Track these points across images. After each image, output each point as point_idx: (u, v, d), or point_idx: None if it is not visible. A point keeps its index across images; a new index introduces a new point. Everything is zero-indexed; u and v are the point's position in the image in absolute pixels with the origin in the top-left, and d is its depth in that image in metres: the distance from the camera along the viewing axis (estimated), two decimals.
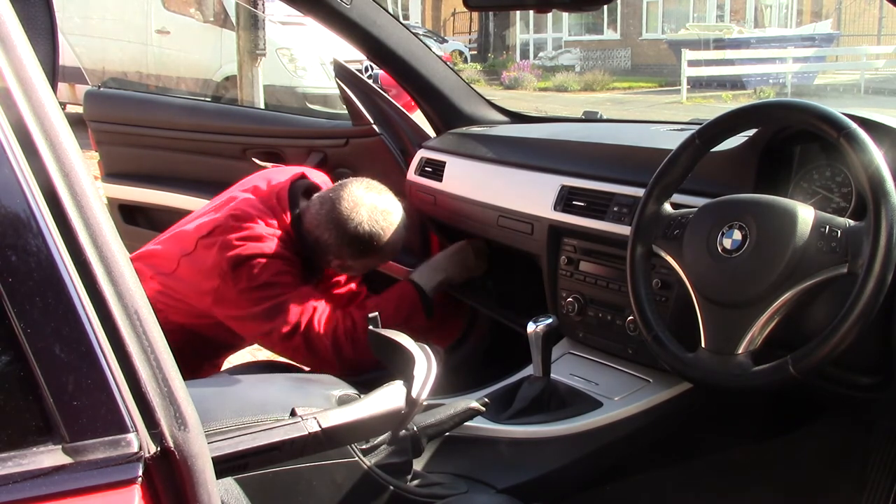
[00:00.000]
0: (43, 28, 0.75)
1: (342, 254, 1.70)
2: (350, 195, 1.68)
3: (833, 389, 1.28)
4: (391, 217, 1.71)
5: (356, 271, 1.83)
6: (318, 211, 1.68)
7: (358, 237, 1.66)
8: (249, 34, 5.32)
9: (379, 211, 1.69)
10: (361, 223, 1.66)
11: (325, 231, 1.67)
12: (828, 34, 17.09)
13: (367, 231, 1.67)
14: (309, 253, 1.71)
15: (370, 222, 1.67)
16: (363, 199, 1.68)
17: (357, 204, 1.67)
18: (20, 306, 0.51)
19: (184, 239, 1.67)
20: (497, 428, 1.45)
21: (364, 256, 1.71)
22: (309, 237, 1.69)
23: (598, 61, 19.49)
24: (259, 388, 1.13)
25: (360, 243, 1.67)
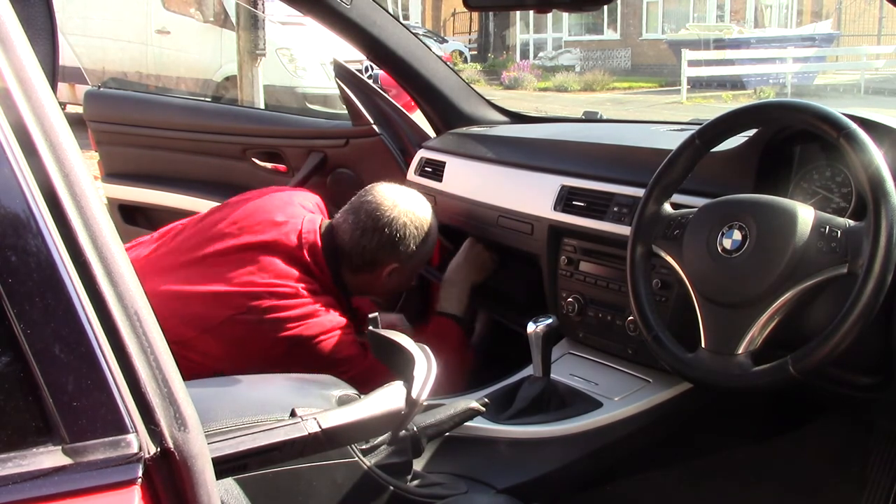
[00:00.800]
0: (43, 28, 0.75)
1: (394, 256, 1.63)
2: (381, 196, 1.64)
3: (833, 389, 1.28)
4: (425, 204, 1.70)
5: (406, 276, 1.73)
6: (356, 221, 1.62)
7: (408, 227, 1.62)
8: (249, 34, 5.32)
9: (413, 200, 1.67)
10: (407, 213, 1.63)
11: (372, 237, 1.61)
12: (828, 34, 17.10)
13: (416, 219, 1.64)
14: (350, 288, 1.65)
15: (413, 212, 1.64)
16: (395, 195, 1.66)
17: (393, 200, 1.64)
18: (20, 307, 0.51)
19: (194, 306, 1.49)
20: (497, 428, 1.45)
21: (420, 249, 1.66)
22: (352, 254, 1.62)
23: (598, 61, 19.49)
24: (259, 388, 1.13)
25: (413, 234, 1.63)
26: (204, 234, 1.62)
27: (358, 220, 1.62)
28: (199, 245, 1.59)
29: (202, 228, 1.64)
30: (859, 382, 1.24)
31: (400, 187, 1.69)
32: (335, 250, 1.62)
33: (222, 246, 1.57)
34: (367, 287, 1.69)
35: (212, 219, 1.66)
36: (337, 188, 2.21)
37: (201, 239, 1.61)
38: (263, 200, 1.69)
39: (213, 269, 1.54)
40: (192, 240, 1.62)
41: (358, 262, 1.63)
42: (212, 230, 1.62)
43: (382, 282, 1.67)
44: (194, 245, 1.60)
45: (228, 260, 1.54)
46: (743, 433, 1.66)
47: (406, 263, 1.67)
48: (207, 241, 1.59)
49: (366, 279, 1.66)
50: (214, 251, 1.57)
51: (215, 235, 1.60)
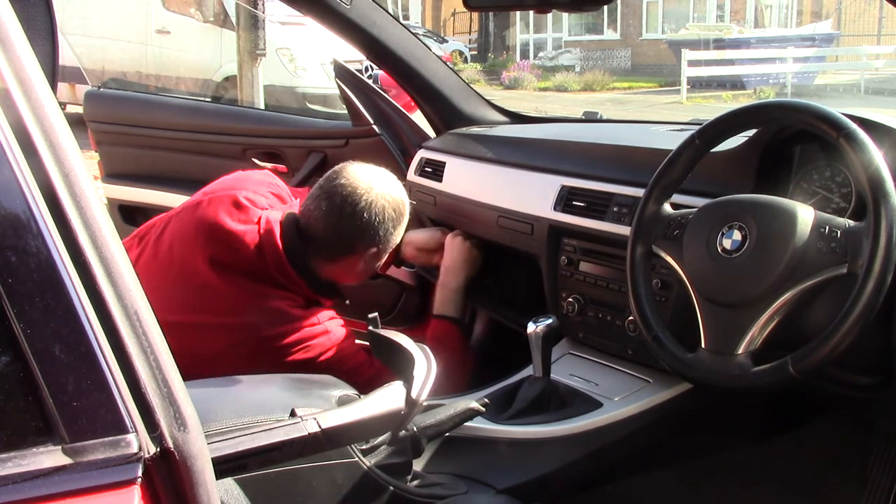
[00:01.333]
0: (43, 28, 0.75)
1: (374, 240, 1.57)
2: (354, 178, 1.55)
3: (833, 389, 1.28)
4: (398, 184, 1.63)
5: (383, 259, 1.65)
6: (330, 207, 1.53)
7: (386, 210, 1.56)
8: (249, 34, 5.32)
9: (388, 181, 1.60)
10: (384, 196, 1.56)
11: (351, 223, 1.53)
12: (828, 34, 17.10)
13: (393, 200, 1.58)
14: (324, 279, 1.58)
15: (389, 193, 1.58)
16: (369, 177, 1.57)
17: (368, 182, 1.55)
18: (20, 307, 0.51)
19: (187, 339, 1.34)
20: (497, 428, 1.45)
21: (397, 230, 1.61)
22: (328, 242, 1.55)
23: (598, 61, 19.49)
24: (259, 388, 1.13)
25: (391, 216, 1.57)
26: (171, 252, 1.54)
27: (332, 206, 1.53)
28: (171, 264, 1.53)
29: (167, 243, 1.56)
30: (859, 382, 1.24)
31: (370, 167, 1.61)
32: (305, 245, 1.54)
33: (191, 269, 1.50)
34: (343, 274, 1.62)
35: (174, 232, 1.57)
36: None
37: (171, 257, 1.54)
38: (216, 205, 1.56)
39: (194, 297, 1.48)
40: (162, 257, 1.55)
41: (335, 250, 1.56)
42: (176, 249, 1.54)
43: (360, 267, 1.62)
44: (167, 264, 1.53)
45: (207, 284, 1.48)
46: (743, 433, 1.66)
47: (384, 246, 1.61)
48: (177, 262, 1.52)
49: (343, 266, 1.60)
50: (189, 272, 1.50)
51: (182, 258, 1.52)
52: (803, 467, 1.63)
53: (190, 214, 1.58)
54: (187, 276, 1.50)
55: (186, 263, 1.51)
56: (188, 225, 1.56)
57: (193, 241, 1.52)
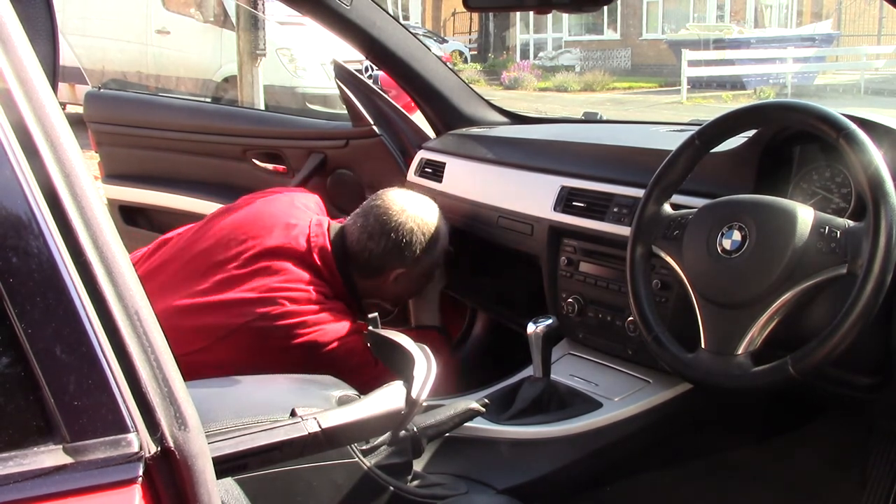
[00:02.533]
0: (43, 28, 0.75)
1: (400, 261, 1.64)
2: (390, 201, 1.66)
3: (833, 390, 1.28)
4: (434, 211, 1.71)
5: (413, 283, 1.72)
6: (364, 225, 1.63)
7: (414, 233, 1.63)
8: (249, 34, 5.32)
9: (422, 206, 1.69)
10: (415, 219, 1.64)
11: (379, 241, 1.62)
12: (828, 34, 17.10)
13: (423, 224, 1.65)
14: (359, 291, 1.66)
15: (421, 217, 1.65)
16: (404, 201, 1.67)
17: (402, 205, 1.65)
18: (21, 307, 0.51)
19: (207, 316, 1.48)
20: (497, 428, 1.45)
21: (426, 255, 1.67)
22: (359, 257, 1.63)
23: (598, 61, 19.49)
24: (259, 388, 1.13)
25: (420, 240, 1.64)
26: (209, 242, 1.60)
27: (366, 224, 1.63)
28: (207, 255, 1.58)
29: (207, 237, 1.62)
30: (859, 383, 1.24)
31: (411, 193, 1.71)
32: (345, 253, 1.62)
33: (231, 253, 1.56)
34: (374, 292, 1.69)
35: (216, 226, 1.64)
36: (337, 189, 2.21)
37: (208, 247, 1.59)
38: (267, 204, 1.69)
39: (223, 279, 1.52)
40: (197, 250, 1.61)
41: (365, 266, 1.64)
42: (217, 238, 1.60)
43: (389, 287, 1.67)
44: (201, 255, 1.59)
45: (239, 268, 1.53)
46: (743, 433, 1.66)
47: (412, 269, 1.67)
48: (214, 250, 1.58)
49: (373, 283, 1.66)
50: (224, 259, 1.55)
51: (221, 244, 1.58)
52: (803, 467, 1.63)
53: (247, 210, 1.67)
54: (222, 264, 1.55)
55: (236, 248, 1.56)
56: (246, 217, 1.64)
57: (250, 231, 1.59)
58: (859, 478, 1.49)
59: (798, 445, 1.63)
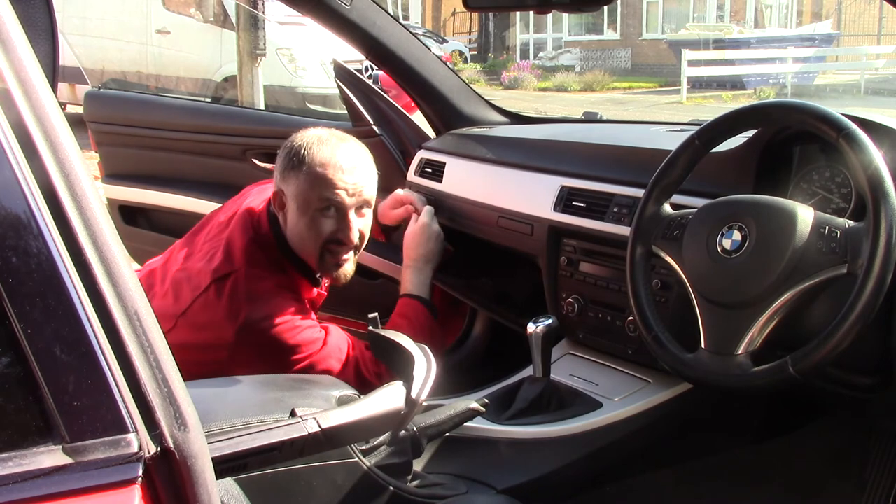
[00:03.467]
0: (43, 28, 0.75)
1: (283, 178, 1.56)
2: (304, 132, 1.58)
3: (833, 390, 1.28)
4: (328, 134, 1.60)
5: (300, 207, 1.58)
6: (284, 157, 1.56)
7: (288, 145, 1.57)
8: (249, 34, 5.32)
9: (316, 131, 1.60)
10: (301, 135, 1.57)
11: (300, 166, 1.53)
12: (828, 34, 17.10)
13: (302, 137, 1.57)
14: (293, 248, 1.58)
15: (306, 134, 1.57)
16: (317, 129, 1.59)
17: (315, 131, 1.58)
18: (21, 307, 0.51)
19: (169, 296, 1.52)
20: (497, 429, 1.45)
21: (289, 171, 1.56)
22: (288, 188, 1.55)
23: (598, 61, 19.50)
24: (259, 388, 1.13)
25: (284, 154, 1.57)
26: (212, 222, 1.67)
27: (283, 157, 1.57)
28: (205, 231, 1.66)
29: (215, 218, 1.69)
30: (859, 383, 1.24)
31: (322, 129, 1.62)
32: (275, 203, 1.58)
33: (215, 231, 1.62)
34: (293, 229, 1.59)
35: (220, 211, 1.71)
36: None
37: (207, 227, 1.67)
38: (238, 198, 1.72)
39: (188, 254, 1.59)
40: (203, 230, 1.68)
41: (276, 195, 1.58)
42: (216, 219, 1.67)
43: (297, 218, 1.57)
44: (202, 233, 1.66)
45: (200, 246, 1.59)
46: (743, 434, 1.66)
47: (282, 187, 1.57)
48: (209, 228, 1.65)
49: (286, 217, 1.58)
50: (209, 235, 1.62)
51: (216, 222, 1.65)
52: (803, 467, 1.63)
53: (230, 206, 1.70)
54: (220, 228, 1.60)
55: (217, 238, 1.59)
56: (227, 213, 1.66)
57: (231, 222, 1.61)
58: (859, 478, 1.49)
59: (798, 445, 1.63)
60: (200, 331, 1.47)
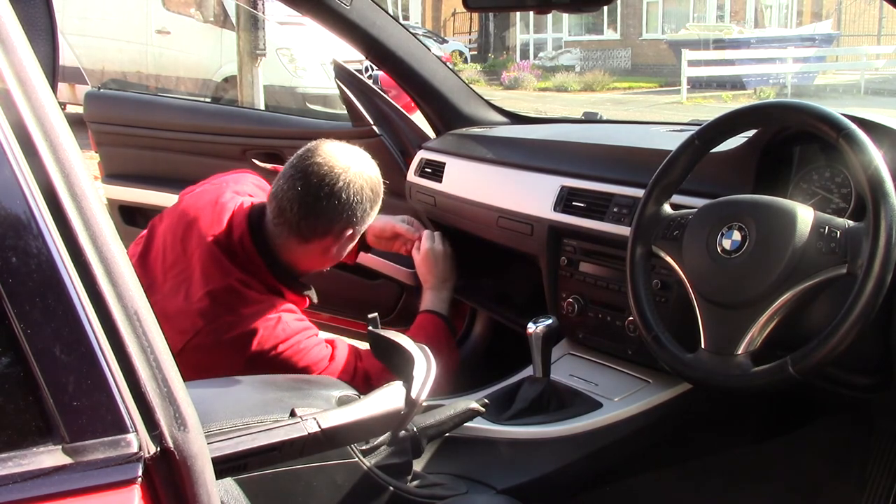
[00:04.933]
0: (43, 28, 0.75)
1: (351, 221, 1.51)
2: (330, 158, 1.49)
3: (833, 390, 1.28)
4: (372, 163, 1.56)
5: (354, 243, 1.60)
6: (307, 187, 1.47)
7: (364, 191, 1.50)
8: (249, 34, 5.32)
9: (364, 160, 1.54)
10: (362, 175, 1.50)
11: (328, 204, 1.47)
12: (828, 34, 17.10)
13: (370, 180, 1.52)
14: (294, 264, 1.54)
15: (365, 173, 1.51)
16: (345, 156, 1.51)
17: (345, 161, 1.50)
18: (20, 307, 0.51)
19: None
20: (497, 429, 1.45)
21: (372, 212, 1.55)
22: (301, 224, 1.48)
23: (598, 61, 19.50)
24: (259, 388, 1.13)
25: (369, 196, 1.51)
26: (154, 252, 1.56)
27: (308, 187, 1.47)
28: (153, 265, 1.54)
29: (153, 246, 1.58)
30: (859, 383, 1.24)
31: (343, 145, 1.55)
32: (278, 225, 1.50)
33: (168, 263, 1.51)
34: (314, 259, 1.56)
35: (157, 233, 1.59)
36: None
37: (153, 258, 1.55)
38: (195, 198, 1.61)
39: (167, 291, 1.48)
40: (152, 254, 1.57)
41: (308, 234, 1.50)
42: (158, 246, 1.56)
43: (333, 252, 1.56)
44: (155, 259, 1.55)
45: (176, 279, 1.48)
46: (743, 433, 1.66)
47: (360, 227, 1.56)
48: (162, 251, 1.54)
49: (315, 249, 1.53)
50: (162, 270, 1.51)
51: (160, 252, 1.55)
52: (803, 467, 1.63)
53: (183, 203, 1.62)
54: (171, 269, 1.50)
55: (171, 255, 1.52)
56: (182, 211, 1.58)
57: (179, 234, 1.53)
58: (859, 478, 1.49)
59: (798, 445, 1.63)
60: (200, 372, 1.38)
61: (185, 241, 1.51)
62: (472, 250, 1.94)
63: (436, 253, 1.84)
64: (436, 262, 1.84)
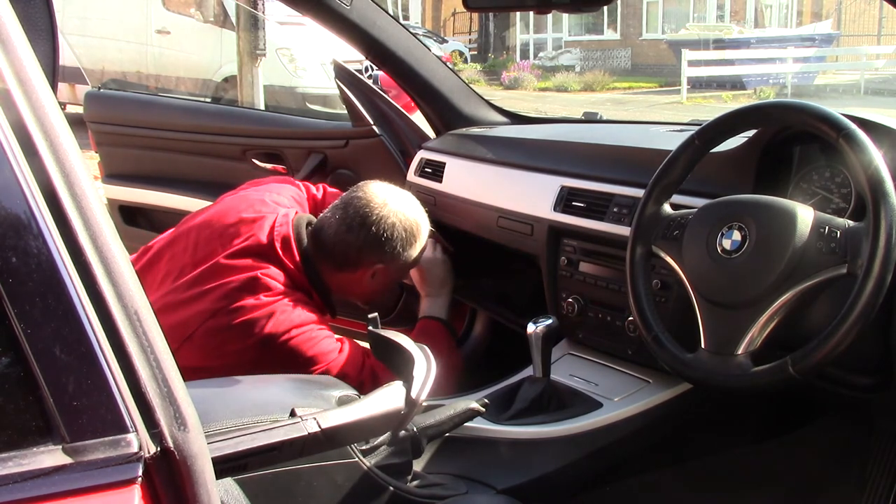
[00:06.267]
0: (43, 28, 0.75)
1: (379, 256, 1.58)
2: (371, 193, 1.59)
3: (833, 390, 1.28)
4: (417, 207, 1.64)
5: (389, 280, 1.67)
6: (343, 217, 1.57)
7: (396, 228, 1.57)
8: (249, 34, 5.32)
9: (405, 201, 1.62)
10: (397, 213, 1.57)
11: (358, 234, 1.55)
12: (828, 34, 17.10)
13: (405, 220, 1.58)
14: (329, 286, 1.60)
15: (403, 212, 1.59)
16: (386, 194, 1.60)
17: (384, 198, 1.58)
18: (20, 307, 0.51)
19: (174, 316, 1.47)
20: (497, 429, 1.45)
21: (406, 252, 1.60)
22: (335, 250, 1.57)
23: (598, 61, 19.50)
24: (259, 388, 1.13)
25: (401, 235, 1.57)
26: (181, 246, 1.61)
27: (346, 216, 1.57)
28: (179, 259, 1.59)
29: (180, 242, 1.62)
30: (859, 383, 1.24)
31: (393, 187, 1.64)
32: (318, 246, 1.57)
33: (199, 256, 1.56)
34: (348, 287, 1.64)
35: (189, 228, 1.64)
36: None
37: (179, 251, 1.60)
38: (236, 202, 1.67)
39: (188, 280, 1.52)
40: (171, 254, 1.62)
41: (341, 260, 1.58)
42: (189, 243, 1.60)
43: (365, 283, 1.62)
44: (174, 259, 1.60)
45: (203, 270, 1.53)
46: (743, 434, 1.66)
47: (391, 265, 1.61)
48: (184, 254, 1.59)
49: (348, 279, 1.61)
50: (191, 262, 1.56)
51: (191, 245, 1.59)
52: (803, 468, 1.63)
53: (216, 208, 1.67)
54: (201, 262, 1.54)
55: (203, 250, 1.56)
56: (214, 216, 1.63)
57: (217, 230, 1.58)
58: (859, 478, 1.49)
59: (798, 445, 1.63)
60: (210, 354, 1.45)
61: (221, 238, 1.56)
62: (472, 250, 1.94)
63: (428, 262, 1.83)
64: (429, 271, 1.84)
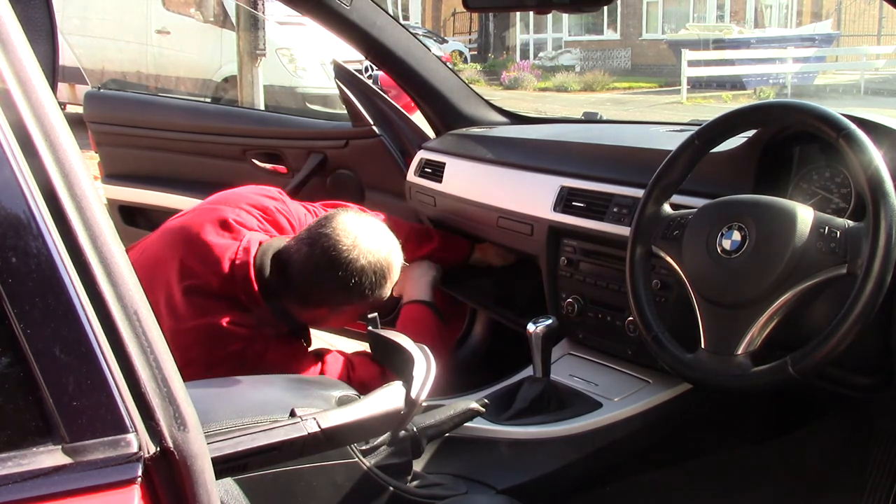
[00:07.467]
0: (43, 28, 0.75)
1: (347, 298, 1.47)
2: (340, 232, 1.44)
3: (833, 390, 1.28)
4: (388, 241, 1.50)
5: (360, 314, 1.54)
6: (310, 255, 1.43)
7: (365, 271, 1.44)
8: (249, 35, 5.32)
9: (376, 238, 1.48)
10: (367, 255, 1.44)
11: (325, 277, 1.43)
12: (828, 34, 17.09)
13: (375, 262, 1.45)
14: (295, 316, 1.50)
15: (373, 252, 1.45)
16: (357, 231, 1.45)
17: (353, 238, 1.44)
18: (20, 307, 0.51)
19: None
20: (497, 429, 1.45)
21: (377, 292, 1.48)
22: (301, 289, 1.45)
23: (598, 61, 19.49)
24: (259, 388, 1.13)
25: (370, 279, 1.45)
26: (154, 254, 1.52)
27: (312, 255, 1.43)
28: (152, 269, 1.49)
29: (154, 247, 1.54)
30: (859, 383, 1.24)
31: (362, 218, 1.51)
32: (280, 279, 1.45)
33: (169, 275, 1.46)
34: (314, 320, 1.56)
35: (160, 238, 1.55)
36: (337, 189, 2.21)
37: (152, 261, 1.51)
38: (202, 218, 1.53)
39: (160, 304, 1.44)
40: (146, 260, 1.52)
41: (305, 299, 1.48)
42: (159, 250, 1.52)
43: (332, 318, 1.56)
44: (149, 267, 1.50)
45: (171, 296, 1.44)
46: (742, 434, 1.66)
47: (361, 305, 1.50)
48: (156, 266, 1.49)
49: (313, 314, 1.53)
50: (149, 287, 1.42)
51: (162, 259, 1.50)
52: (803, 468, 1.63)
53: (176, 225, 1.55)
54: (158, 284, 1.46)
55: (160, 270, 1.47)
56: (173, 234, 1.53)
57: (172, 249, 1.49)
58: (859, 478, 1.49)
59: (798, 445, 1.63)
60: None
61: (174, 263, 1.46)
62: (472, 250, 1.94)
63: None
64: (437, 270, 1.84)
